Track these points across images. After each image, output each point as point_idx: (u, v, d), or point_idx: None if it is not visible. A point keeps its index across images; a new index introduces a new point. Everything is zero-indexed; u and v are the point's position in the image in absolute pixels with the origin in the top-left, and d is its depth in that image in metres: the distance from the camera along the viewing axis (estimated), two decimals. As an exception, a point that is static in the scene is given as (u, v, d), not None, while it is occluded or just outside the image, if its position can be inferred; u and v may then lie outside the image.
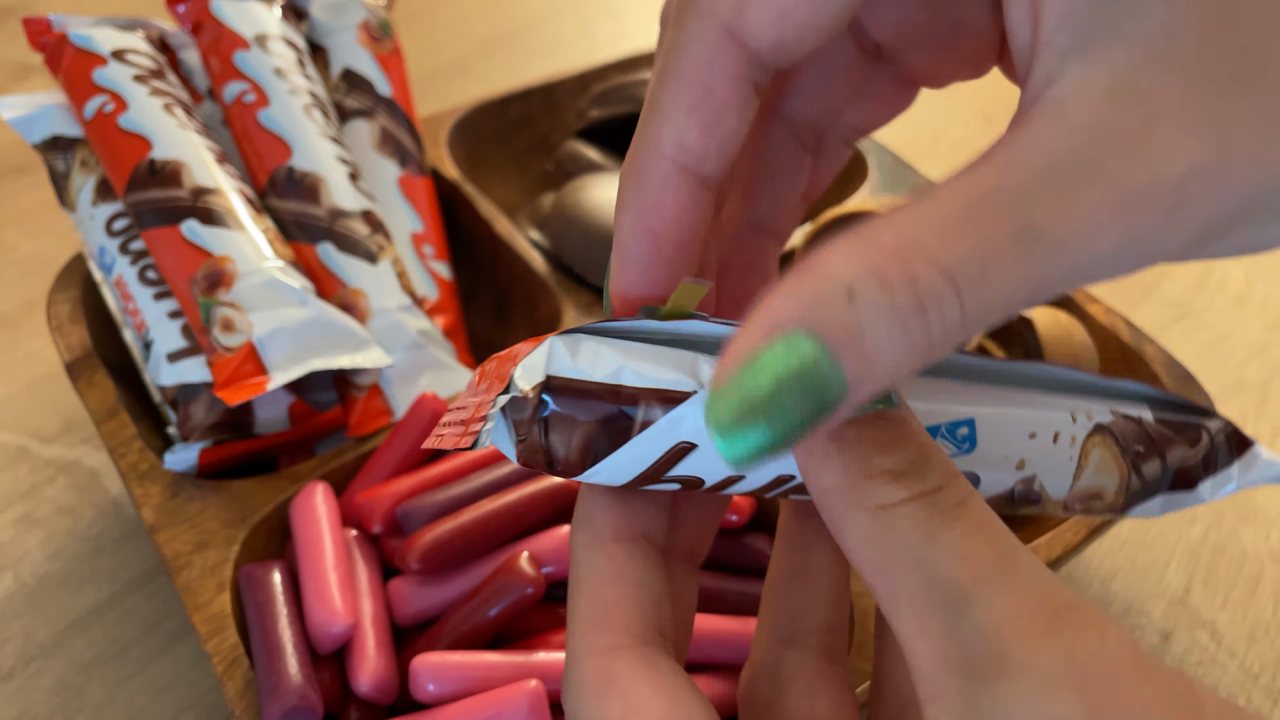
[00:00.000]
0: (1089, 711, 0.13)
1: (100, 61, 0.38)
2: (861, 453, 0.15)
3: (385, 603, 0.30)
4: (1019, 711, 0.13)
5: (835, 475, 0.15)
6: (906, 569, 0.14)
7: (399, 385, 0.37)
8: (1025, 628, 0.13)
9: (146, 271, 0.36)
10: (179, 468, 0.33)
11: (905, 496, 0.14)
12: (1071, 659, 0.13)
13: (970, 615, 0.13)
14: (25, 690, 0.34)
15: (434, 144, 0.47)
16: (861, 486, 0.14)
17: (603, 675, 0.16)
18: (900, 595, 0.14)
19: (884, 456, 0.15)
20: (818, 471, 0.15)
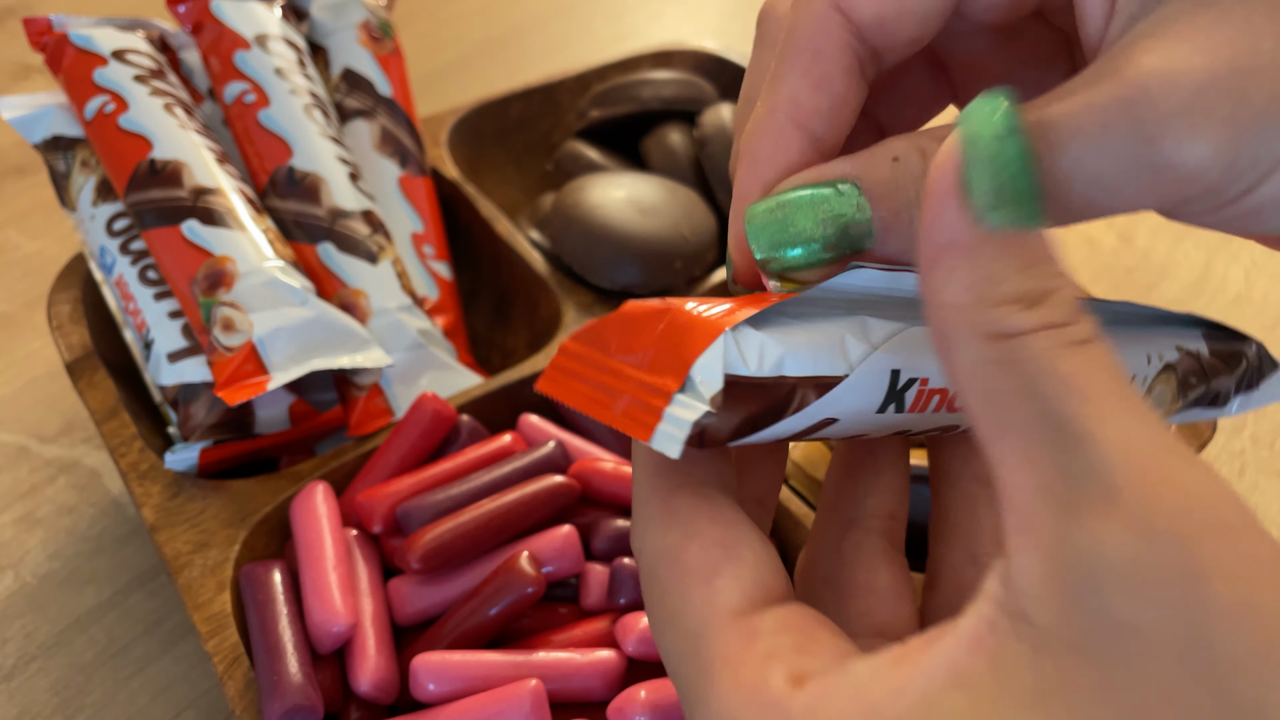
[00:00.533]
0: (1190, 564, 0.12)
1: (101, 61, 0.38)
2: (991, 272, 0.14)
3: (385, 602, 0.30)
4: (1115, 552, 0.12)
5: (958, 292, 0.14)
6: (1019, 398, 0.13)
7: (399, 385, 0.37)
8: (1137, 470, 0.12)
9: (147, 271, 0.36)
10: (179, 467, 0.33)
11: (1030, 326, 0.13)
12: (1178, 507, 0.12)
13: (1081, 451, 0.13)
14: (26, 689, 0.34)
15: (434, 144, 0.47)
16: (985, 310, 0.14)
17: (664, 509, 0.17)
18: (1008, 424, 0.13)
19: (1014, 281, 0.14)
20: (941, 283, 0.14)
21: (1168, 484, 0.12)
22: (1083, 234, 0.55)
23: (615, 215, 0.42)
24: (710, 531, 0.16)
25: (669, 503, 0.17)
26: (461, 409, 0.36)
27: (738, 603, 0.15)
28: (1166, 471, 0.12)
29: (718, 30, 0.72)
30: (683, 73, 0.51)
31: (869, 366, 0.16)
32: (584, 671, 0.28)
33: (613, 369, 0.17)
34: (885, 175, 0.16)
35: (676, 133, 0.48)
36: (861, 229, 0.16)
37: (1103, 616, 0.12)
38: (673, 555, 0.16)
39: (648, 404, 0.16)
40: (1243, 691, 0.12)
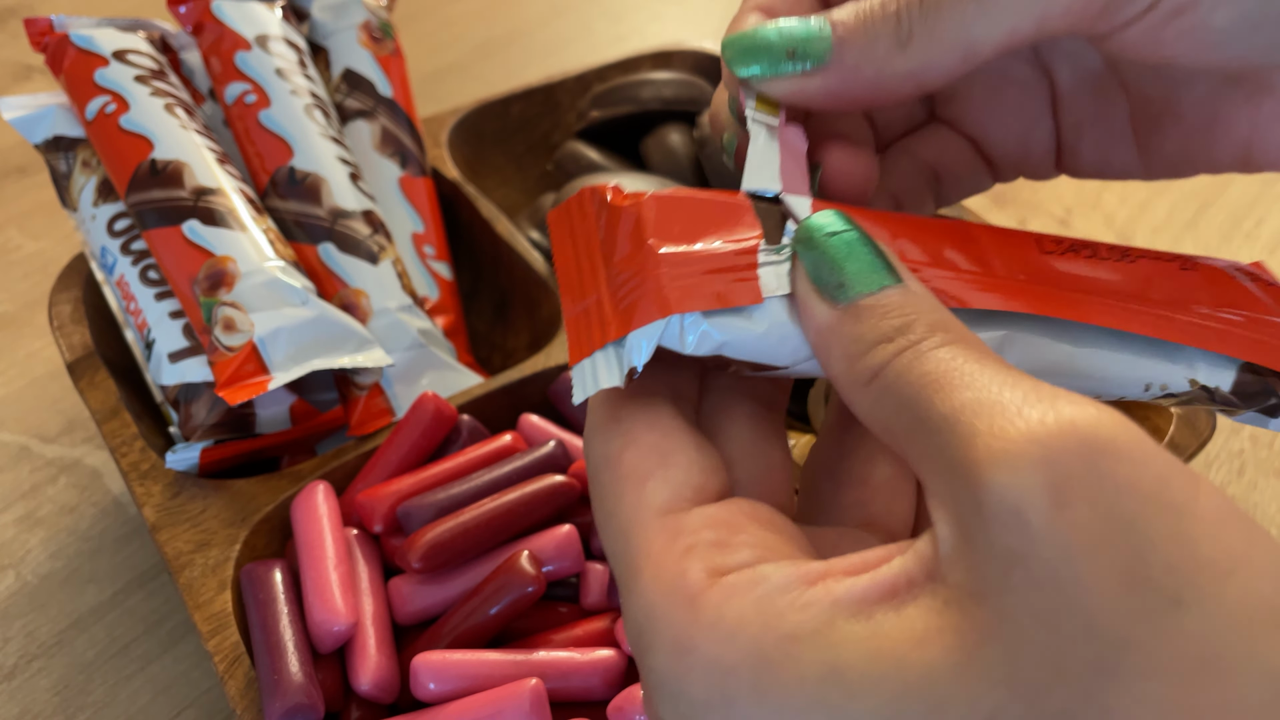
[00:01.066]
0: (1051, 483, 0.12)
1: (102, 62, 0.38)
2: (855, 335, 0.16)
3: (386, 601, 0.30)
4: (989, 494, 0.13)
5: (838, 361, 0.16)
6: (898, 417, 0.15)
7: (400, 385, 0.37)
8: (995, 418, 0.13)
9: (148, 271, 0.36)
10: (180, 467, 0.33)
11: (889, 356, 0.15)
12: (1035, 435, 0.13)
13: (946, 426, 0.14)
14: (27, 689, 0.34)
15: (435, 144, 0.47)
16: (856, 364, 0.16)
17: (609, 417, 0.18)
18: (902, 442, 0.15)
19: (873, 333, 0.16)
20: (826, 361, 0.16)
21: (1022, 416, 0.13)
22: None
23: (615, 215, 0.42)
24: (647, 438, 0.17)
25: (615, 412, 0.18)
26: (462, 409, 0.36)
27: (665, 502, 0.16)
28: (1022, 407, 0.13)
29: (718, 31, 0.72)
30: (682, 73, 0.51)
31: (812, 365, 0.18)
32: (584, 670, 0.28)
33: (597, 263, 0.18)
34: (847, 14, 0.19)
35: (676, 133, 0.48)
36: (821, 44, 0.19)
37: (989, 553, 0.13)
38: (612, 460, 0.17)
39: (589, 333, 0.17)
40: (1107, 621, 0.12)
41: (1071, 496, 0.12)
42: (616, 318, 0.17)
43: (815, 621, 0.14)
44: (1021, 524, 0.12)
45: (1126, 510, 0.12)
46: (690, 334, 0.17)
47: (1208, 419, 0.36)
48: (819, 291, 0.16)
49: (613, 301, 0.17)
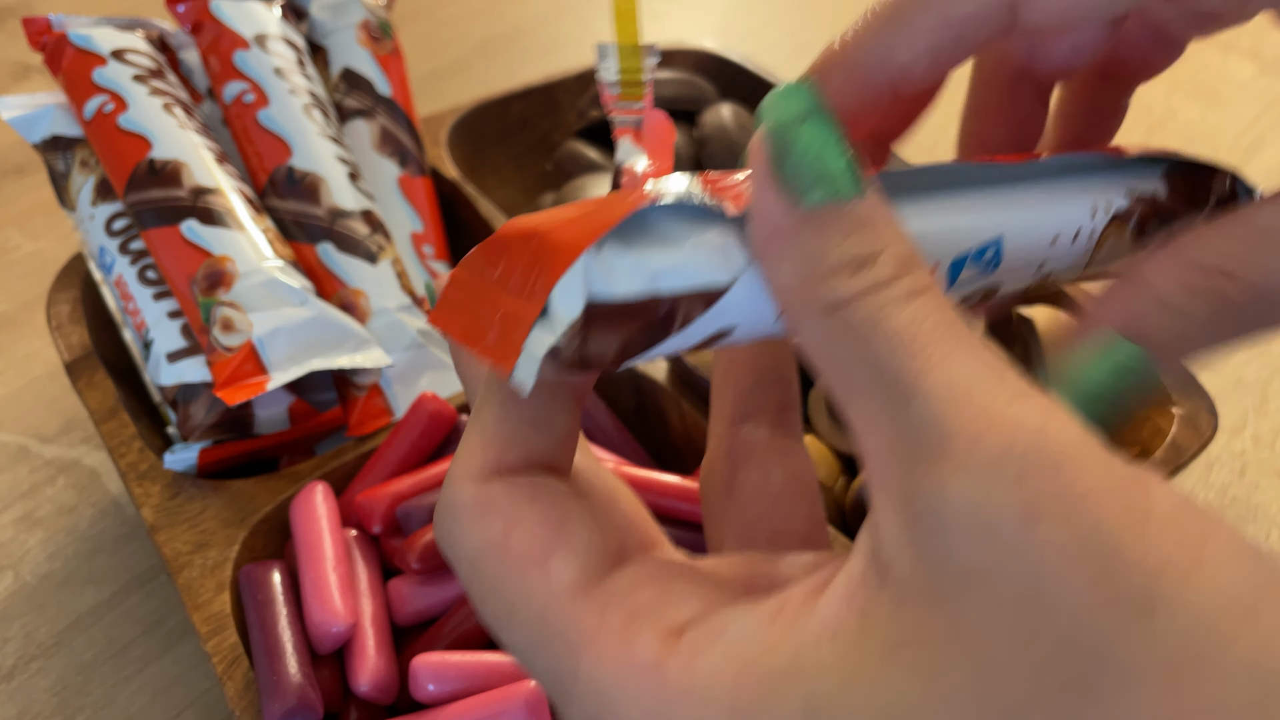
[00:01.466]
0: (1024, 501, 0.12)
1: (100, 61, 0.38)
2: (815, 249, 0.14)
3: (385, 602, 0.30)
4: (956, 504, 0.12)
5: (789, 274, 0.14)
6: (856, 363, 0.13)
7: (399, 385, 0.37)
8: (968, 416, 0.12)
9: (146, 271, 0.36)
10: (179, 467, 0.33)
11: (857, 289, 0.14)
12: (1009, 449, 0.12)
13: (914, 404, 0.13)
14: (25, 690, 0.34)
15: (434, 144, 0.47)
16: (814, 285, 0.14)
17: (478, 498, 0.15)
18: (853, 390, 0.14)
19: (838, 252, 0.14)
20: (773, 269, 0.14)
21: (997, 423, 0.12)
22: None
23: (615, 215, 0.42)
24: (532, 514, 0.15)
25: (482, 490, 0.15)
26: (461, 409, 0.36)
27: (578, 577, 0.15)
28: (996, 410, 0.12)
29: (718, 30, 0.72)
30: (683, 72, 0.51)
31: (756, 272, 0.15)
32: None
33: (490, 296, 0.15)
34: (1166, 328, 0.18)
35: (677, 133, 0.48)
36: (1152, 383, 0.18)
37: (949, 564, 0.12)
38: (495, 547, 0.15)
39: (510, 335, 0.15)
40: (1080, 638, 0.11)
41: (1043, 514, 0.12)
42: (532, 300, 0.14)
43: (786, 661, 0.13)
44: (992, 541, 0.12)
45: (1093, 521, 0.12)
46: (617, 270, 0.14)
47: (1209, 419, 0.35)
48: (779, 183, 0.14)
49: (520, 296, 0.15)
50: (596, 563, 0.15)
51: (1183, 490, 0.13)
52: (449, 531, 0.16)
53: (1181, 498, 0.12)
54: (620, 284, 0.14)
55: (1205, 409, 0.36)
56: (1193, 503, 0.12)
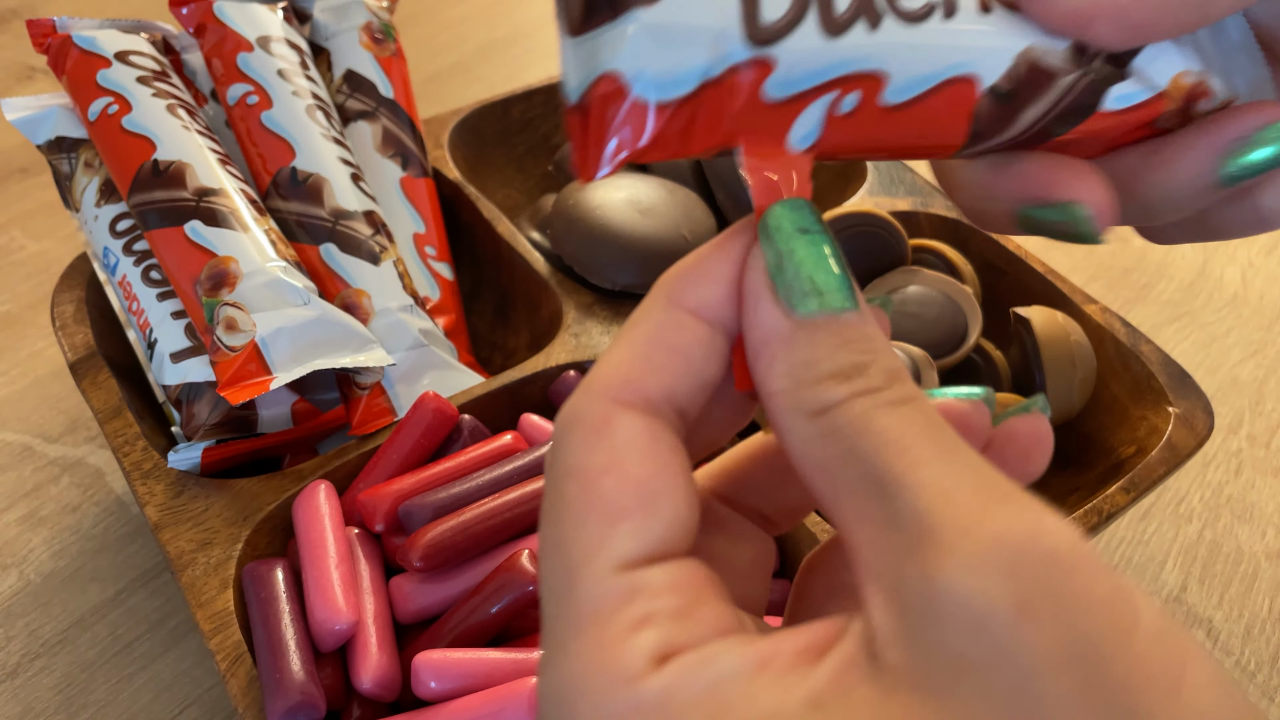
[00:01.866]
0: (1017, 595, 0.12)
1: (104, 63, 0.38)
2: (807, 356, 0.14)
3: (387, 600, 0.31)
4: (948, 593, 0.12)
5: (780, 378, 0.15)
6: (843, 462, 0.14)
7: (401, 385, 0.37)
8: (958, 510, 0.13)
9: (150, 272, 0.36)
10: (182, 466, 0.34)
11: (845, 395, 0.14)
12: (1003, 541, 0.12)
13: (902, 498, 0.13)
14: (30, 687, 0.34)
15: (436, 145, 0.47)
16: (804, 391, 0.14)
17: (601, 421, 0.15)
18: (839, 489, 0.14)
19: (829, 360, 0.14)
20: (765, 373, 0.15)
21: (989, 517, 0.13)
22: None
23: (615, 216, 0.42)
24: (635, 467, 0.15)
25: (609, 413, 0.15)
26: (463, 408, 0.36)
27: (630, 554, 0.14)
28: (988, 506, 0.13)
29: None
30: (683, 74, 0.51)
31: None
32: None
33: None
34: None
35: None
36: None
37: (940, 653, 0.12)
38: (587, 478, 0.15)
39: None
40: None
41: (1036, 610, 0.12)
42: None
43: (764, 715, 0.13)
44: (983, 632, 0.12)
45: (1084, 627, 0.12)
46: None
47: (1205, 419, 0.36)
48: (775, 291, 0.15)
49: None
50: (655, 550, 0.14)
51: (1163, 608, 0.13)
52: (560, 435, 0.15)
53: (1165, 615, 0.13)
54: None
55: (1201, 408, 0.36)
56: (1175, 622, 0.13)
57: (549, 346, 0.39)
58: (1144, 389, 0.38)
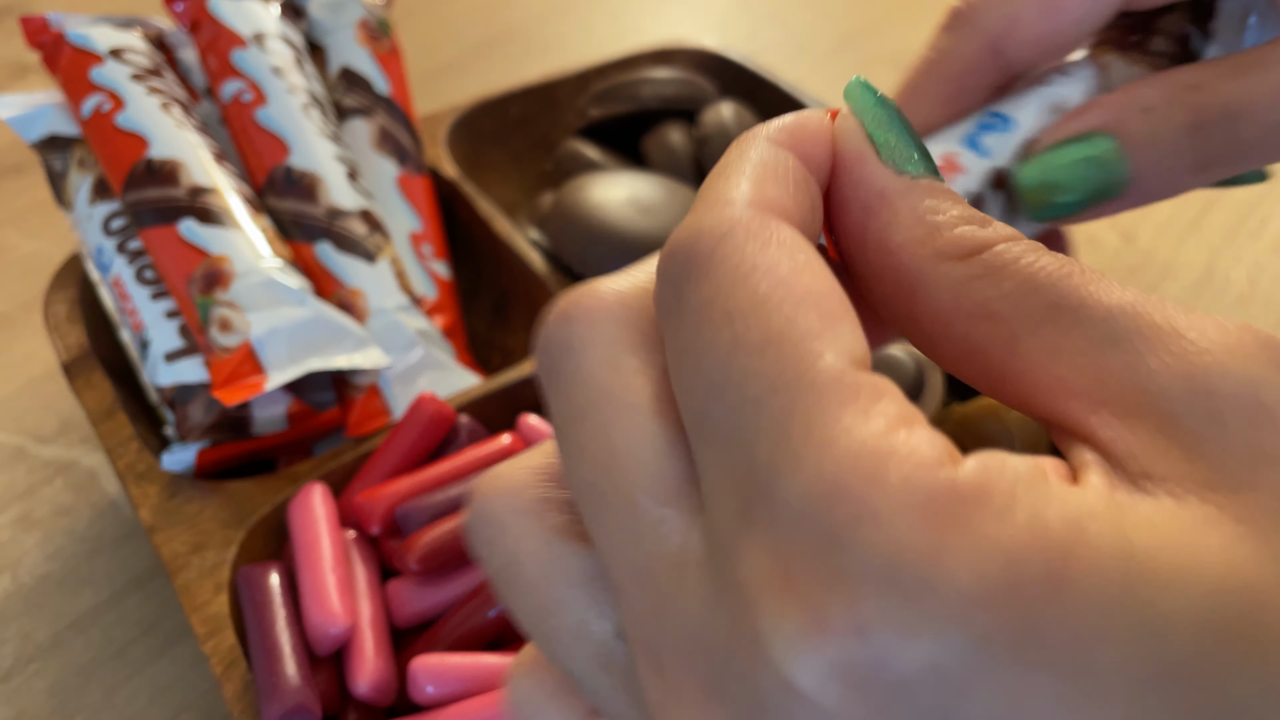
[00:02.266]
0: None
1: (97, 60, 0.38)
2: (934, 204, 0.14)
3: (384, 604, 0.30)
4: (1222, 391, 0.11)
5: (911, 225, 0.13)
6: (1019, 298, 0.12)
7: (398, 385, 0.37)
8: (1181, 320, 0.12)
9: (144, 271, 0.36)
10: (177, 468, 0.33)
11: (998, 237, 0.13)
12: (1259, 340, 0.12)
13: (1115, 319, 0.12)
14: (23, 691, 0.34)
15: (433, 143, 0.47)
16: (945, 234, 0.13)
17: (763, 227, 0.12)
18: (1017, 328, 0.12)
19: (956, 209, 0.14)
20: (887, 227, 0.13)
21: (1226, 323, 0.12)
22: (1085, 233, 0.55)
23: (615, 215, 0.41)
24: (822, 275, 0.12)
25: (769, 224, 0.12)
26: (460, 409, 0.35)
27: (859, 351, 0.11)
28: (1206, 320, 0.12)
29: (718, 28, 0.72)
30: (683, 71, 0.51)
31: None
32: (583, 674, 0.28)
33: None
34: (1142, 129, 0.20)
35: (676, 132, 0.48)
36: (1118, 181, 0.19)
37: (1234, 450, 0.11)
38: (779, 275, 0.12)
39: None
40: None
41: None
42: None
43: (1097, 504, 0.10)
44: (1270, 420, 0.11)
45: None
46: None
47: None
48: (880, 152, 0.14)
49: None
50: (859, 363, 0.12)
51: None
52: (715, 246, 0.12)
53: None
54: None
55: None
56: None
57: (548, 346, 0.38)
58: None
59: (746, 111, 0.48)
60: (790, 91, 0.51)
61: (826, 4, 0.75)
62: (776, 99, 0.51)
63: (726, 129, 0.46)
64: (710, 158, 0.46)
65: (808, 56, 0.69)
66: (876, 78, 0.19)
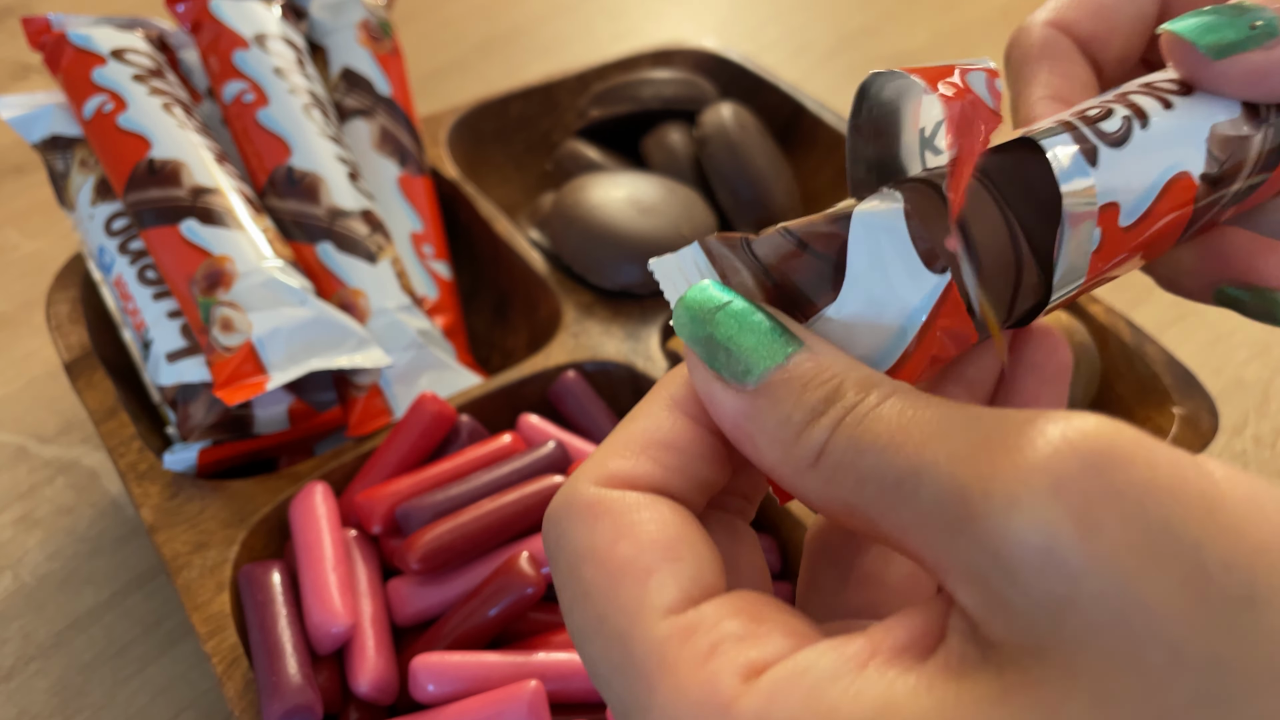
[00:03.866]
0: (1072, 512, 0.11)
1: (99, 61, 0.38)
2: (779, 417, 0.14)
3: (385, 603, 0.30)
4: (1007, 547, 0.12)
5: (769, 453, 0.14)
6: (860, 491, 0.13)
7: (399, 385, 0.37)
8: (978, 464, 0.12)
9: (146, 271, 0.36)
10: (178, 468, 0.33)
11: (828, 431, 0.14)
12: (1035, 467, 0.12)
13: (924, 487, 0.13)
14: (24, 690, 0.34)
15: (434, 143, 0.47)
16: (793, 450, 0.14)
17: (595, 501, 0.15)
18: (872, 517, 0.14)
19: (799, 408, 0.14)
20: (755, 453, 0.15)
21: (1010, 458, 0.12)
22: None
23: (615, 215, 0.41)
24: (645, 527, 0.14)
25: (600, 494, 0.15)
26: (461, 409, 0.36)
27: (673, 600, 0.14)
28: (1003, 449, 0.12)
29: (718, 29, 0.72)
30: (683, 72, 0.51)
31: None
32: (583, 672, 0.28)
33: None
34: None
35: (676, 132, 0.48)
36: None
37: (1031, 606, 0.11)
38: (599, 553, 0.14)
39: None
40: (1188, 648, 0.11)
41: (1099, 518, 0.11)
42: None
43: (874, 708, 0.12)
44: (1057, 563, 0.11)
45: (1160, 516, 0.11)
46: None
47: (1210, 419, 0.35)
48: (720, 379, 0.15)
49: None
50: (696, 591, 0.14)
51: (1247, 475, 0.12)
52: (555, 528, 0.15)
53: (1247, 476, 0.12)
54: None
55: (1206, 409, 0.36)
56: (1259, 479, 0.12)
57: (548, 346, 0.38)
58: (1148, 390, 0.37)
59: (746, 112, 0.48)
60: (790, 92, 0.51)
61: (826, 4, 0.75)
62: (776, 99, 0.51)
63: (726, 130, 0.46)
64: (710, 158, 0.46)
65: (808, 56, 0.69)
66: (875, 79, 0.19)
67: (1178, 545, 0.11)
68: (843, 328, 0.16)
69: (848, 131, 0.19)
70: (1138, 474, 0.11)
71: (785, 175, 0.47)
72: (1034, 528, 0.11)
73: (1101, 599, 0.11)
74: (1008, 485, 0.12)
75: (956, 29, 0.72)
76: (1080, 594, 0.11)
